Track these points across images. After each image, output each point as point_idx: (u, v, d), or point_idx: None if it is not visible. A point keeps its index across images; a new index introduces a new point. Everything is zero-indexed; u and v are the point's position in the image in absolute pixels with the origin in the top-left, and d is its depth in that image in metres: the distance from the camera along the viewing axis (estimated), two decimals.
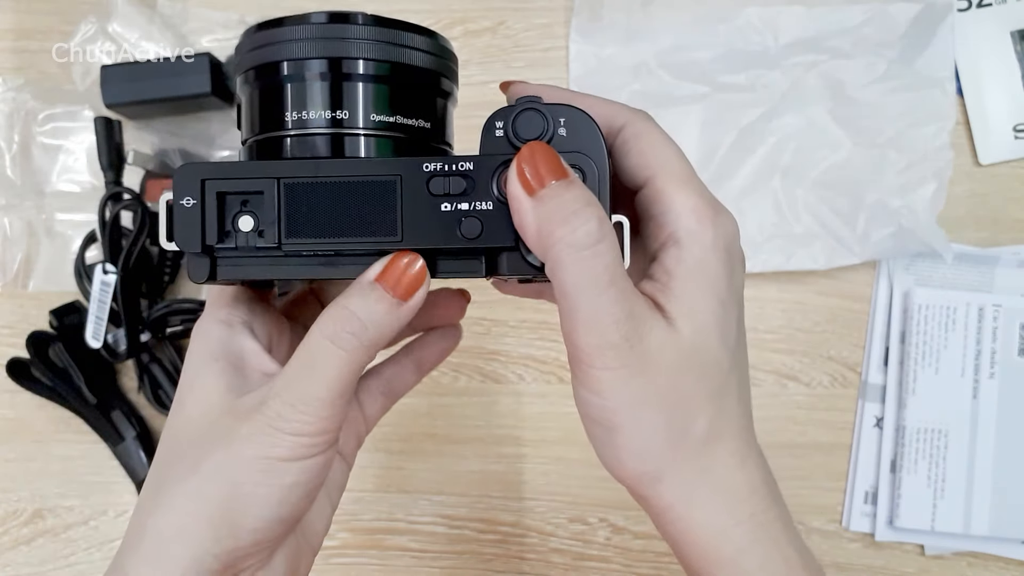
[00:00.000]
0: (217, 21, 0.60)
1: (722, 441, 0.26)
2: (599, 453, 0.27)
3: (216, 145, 0.59)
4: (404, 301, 0.27)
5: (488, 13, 0.61)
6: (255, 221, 0.26)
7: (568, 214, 0.24)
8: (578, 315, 0.25)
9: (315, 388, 0.26)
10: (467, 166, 0.26)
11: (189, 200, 0.26)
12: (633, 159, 0.27)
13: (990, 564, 0.56)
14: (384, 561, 0.58)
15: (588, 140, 0.26)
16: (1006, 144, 0.58)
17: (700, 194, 0.27)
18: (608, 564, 0.57)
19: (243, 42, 0.28)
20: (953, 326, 0.56)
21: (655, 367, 0.25)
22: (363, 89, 0.27)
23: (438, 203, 0.26)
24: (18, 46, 0.61)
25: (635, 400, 0.25)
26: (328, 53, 0.27)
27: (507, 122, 0.26)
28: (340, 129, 0.27)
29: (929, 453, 0.55)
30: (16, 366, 0.56)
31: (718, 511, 0.26)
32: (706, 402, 0.26)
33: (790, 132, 0.57)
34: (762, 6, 0.58)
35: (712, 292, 0.26)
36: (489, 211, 0.26)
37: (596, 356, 0.25)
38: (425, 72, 0.28)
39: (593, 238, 0.24)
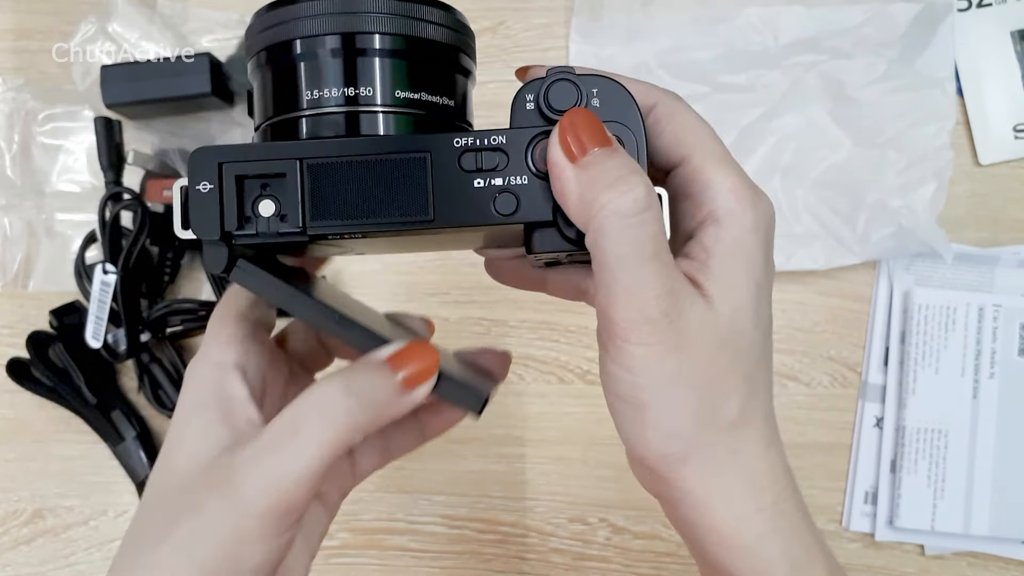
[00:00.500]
0: (217, 21, 0.60)
1: (750, 425, 0.25)
2: (623, 432, 0.26)
3: None
4: (409, 391, 0.26)
5: (488, 13, 0.61)
6: (277, 205, 0.25)
7: (613, 179, 0.23)
8: (618, 287, 0.24)
9: (290, 466, 0.25)
10: (499, 140, 0.25)
11: (206, 185, 0.25)
12: (667, 138, 0.27)
13: (990, 564, 0.56)
14: (384, 561, 0.58)
15: (624, 110, 0.25)
16: (1006, 144, 0.58)
17: (739, 174, 0.26)
18: (608, 564, 0.57)
19: (254, 23, 0.27)
20: (953, 326, 0.56)
21: (692, 345, 0.24)
22: (384, 64, 0.26)
23: (470, 179, 0.25)
24: (18, 46, 0.61)
25: (668, 378, 0.24)
26: (345, 28, 0.25)
27: (538, 94, 0.25)
28: (362, 107, 0.26)
29: (929, 453, 0.55)
30: (16, 366, 0.56)
31: (741, 497, 0.25)
32: (739, 384, 0.25)
33: (790, 132, 0.57)
34: (762, 6, 0.58)
35: (750, 273, 0.25)
36: (524, 185, 0.25)
37: (632, 331, 0.24)
38: (445, 47, 0.27)
39: (641, 205, 0.23)
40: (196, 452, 0.27)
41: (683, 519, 0.26)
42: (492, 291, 0.59)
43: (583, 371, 0.58)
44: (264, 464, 0.25)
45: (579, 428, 0.58)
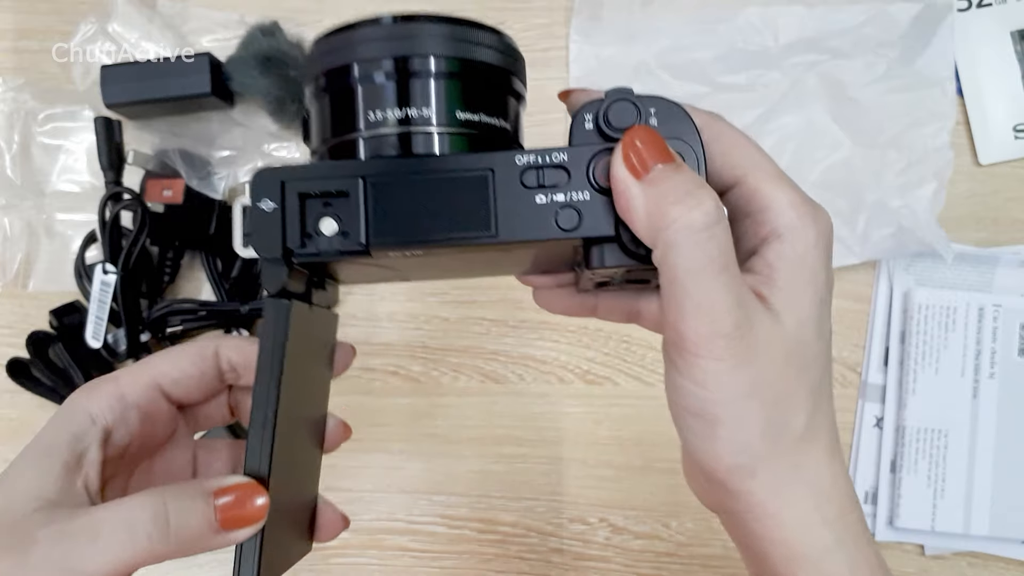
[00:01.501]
0: (217, 21, 0.60)
1: (816, 439, 0.26)
2: (692, 446, 0.26)
3: (216, 145, 0.59)
4: (226, 531, 0.27)
5: (488, 13, 0.61)
6: (339, 223, 0.25)
7: (682, 194, 0.24)
8: (689, 301, 0.24)
9: (80, 564, 0.25)
10: (561, 157, 0.25)
11: (268, 203, 0.25)
12: (718, 160, 0.27)
13: (990, 564, 0.56)
14: (384, 561, 0.58)
15: (682, 128, 0.26)
16: (1006, 144, 0.58)
17: (796, 190, 0.26)
18: (608, 564, 0.57)
19: (313, 51, 0.28)
20: (953, 326, 0.56)
21: (763, 359, 0.24)
22: (441, 86, 0.26)
23: (532, 195, 0.25)
24: (18, 46, 0.61)
25: (740, 392, 0.24)
26: (403, 52, 0.26)
27: (598, 113, 0.25)
28: (420, 127, 0.26)
29: (929, 453, 0.55)
30: (16, 366, 0.56)
31: (808, 509, 0.25)
32: (807, 397, 0.25)
33: (790, 132, 0.57)
34: (762, 6, 0.58)
35: (813, 287, 0.26)
36: (587, 201, 0.25)
37: (704, 345, 0.24)
38: (499, 70, 0.27)
39: (712, 218, 0.23)
40: (23, 492, 0.27)
41: (749, 532, 0.26)
42: (492, 291, 0.59)
43: (583, 371, 0.58)
44: (59, 550, 0.25)
45: (579, 428, 0.58)
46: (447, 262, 0.30)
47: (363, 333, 0.59)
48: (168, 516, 0.26)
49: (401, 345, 0.59)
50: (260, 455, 0.27)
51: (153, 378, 0.31)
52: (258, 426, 0.27)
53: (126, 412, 0.30)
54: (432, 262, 0.29)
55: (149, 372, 0.31)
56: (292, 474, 0.30)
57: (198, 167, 0.58)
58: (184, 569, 0.57)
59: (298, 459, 0.31)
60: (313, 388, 0.32)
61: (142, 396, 0.31)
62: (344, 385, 0.58)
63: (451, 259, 0.28)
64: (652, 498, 0.57)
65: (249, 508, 0.26)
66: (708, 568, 0.56)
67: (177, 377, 0.32)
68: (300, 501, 0.32)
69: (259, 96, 0.57)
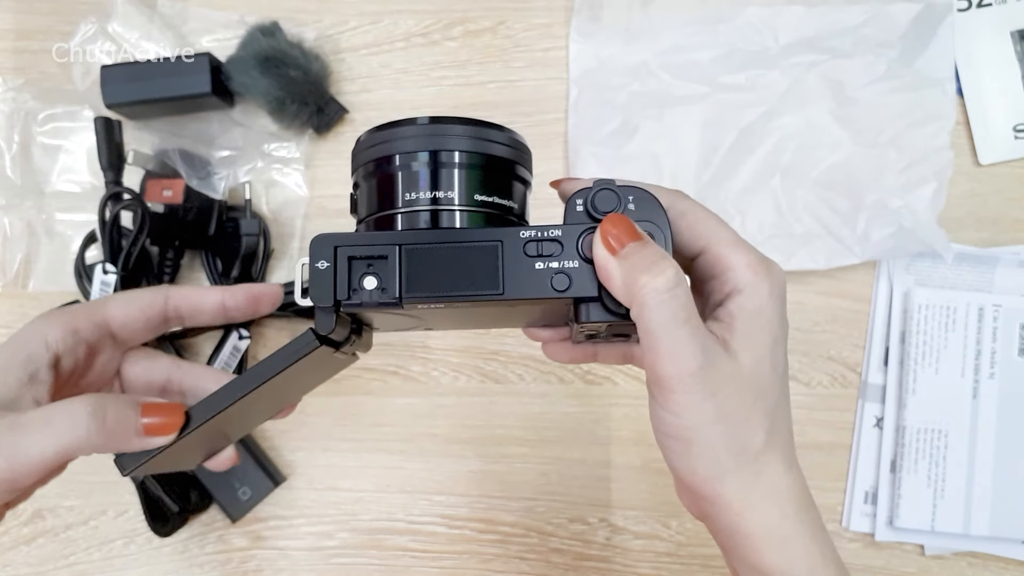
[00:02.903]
0: (217, 21, 0.60)
1: (773, 452, 0.31)
2: (673, 463, 0.32)
3: (216, 145, 0.59)
4: (146, 437, 0.34)
5: (488, 13, 0.61)
6: (378, 280, 0.31)
7: (649, 264, 0.29)
8: (661, 347, 0.29)
9: (25, 449, 0.33)
10: (556, 233, 0.31)
11: (323, 263, 0.31)
12: (685, 233, 0.33)
13: (990, 564, 0.56)
14: (384, 561, 0.58)
15: (653, 212, 0.32)
16: (1006, 144, 0.58)
17: (752, 252, 0.32)
18: (608, 564, 0.57)
19: (363, 140, 0.34)
20: (953, 326, 0.56)
21: (724, 391, 0.30)
22: (465, 174, 0.33)
23: (533, 262, 0.31)
24: (18, 46, 0.61)
25: (707, 419, 0.30)
26: (434, 147, 0.33)
27: (586, 200, 0.32)
28: (446, 206, 0.33)
29: (929, 453, 0.55)
30: None
31: (768, 507, 0.31)
32: (763, 419, 0.31)
33: (790, 132, 0.57)
34: (762, 6, 0.58)
35: (768, 330, 0.31)
36: (576, 268, 0.31)
37: (677, 383, 0.29)
38: (508, 161, 0.34)
39: (672, 282, 0.29)
40: None
41: (724, 529, 0.32)
42: None
43: (583, 371, 0.58)
44: (10, 437, 0.32)
45: (579, 428, 0.58)
46: (464, 315, 0.35)
47: None
48: (105, 414, 0.33)
49: (401, 345, 0.59)
50: (202, 410, 0.35)
51: (104, 319, 0.39)
52: (218, 395, 0.35)
53: (76, 345, 0.38)
54: (452, 315, 0.34)
55: (101, 313, 0.39)
56: (220, 427, 0.38)
57: (198, 167, 0.58)
58: (184, 569, 0.58)
59: (234, 423, 0.40)
60: (290, 389, 0.40)
61: (92, 334, 0.38)
62: (344, 385, 0.58)
63: (467, 312, 0.34)
64: (652, 498, 0.57)
65: (167, 419, 0.35)
66: (708, 568, 0.57)
67: (125, 322, 0.39)
68: (214, 440, 0.40)
69: (259, 96, 0.57)
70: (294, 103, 0.57)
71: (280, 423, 0.58)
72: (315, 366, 0.36)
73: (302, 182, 0.60)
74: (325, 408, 0.58)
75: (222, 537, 0.58)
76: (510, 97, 0.60)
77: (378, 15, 0.61)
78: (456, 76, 0.60)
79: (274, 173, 0.60)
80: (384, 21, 0.61)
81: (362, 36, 0.61)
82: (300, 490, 0.58)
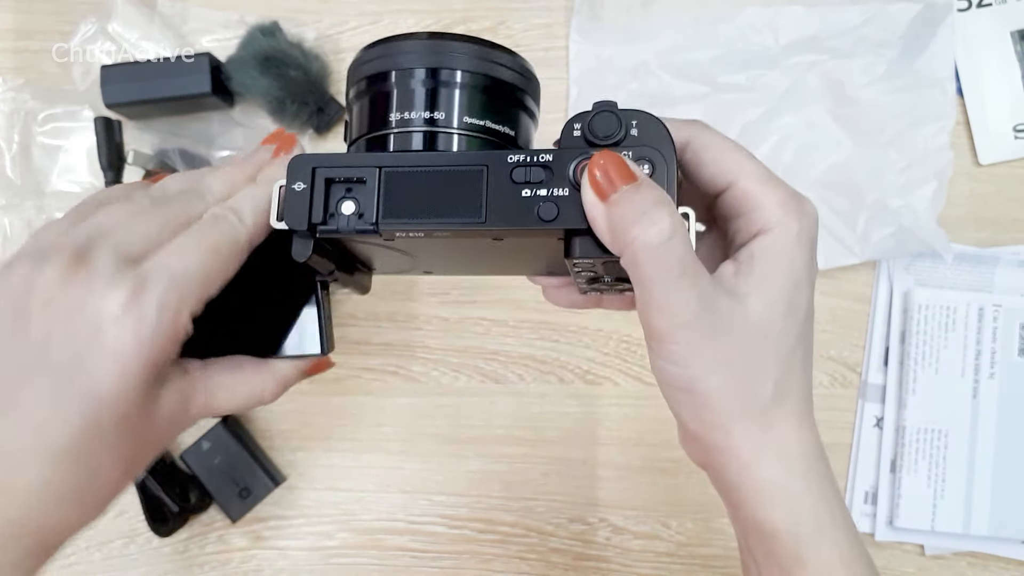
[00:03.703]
0: (217, 21, 0.60)
1: (785, 404, 0.29)
2: (678, 413, 0.30)
3: (216, 145, 0.59)
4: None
5: (488, 13, 0.61)
6: (356, 205, 0.29)
7: (639, 214, 0.27)
8: (652, 301, 0.27)
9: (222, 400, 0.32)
10: (547, 158, 0.29)
11: (300, 184, 0.29)
12: (710, 167, 0.30)
13: (990, 564, 0.56)
14: (384, 561, 0.58)
15: (658, 137, 0.29)
16: (1006, 144, 0.58)
17: (783, 188, 0.30)
18: (608, 564, 0.57)
19: (359, 57, 0.32)
20: (953, 326, 0.56)
21: (725, 339, 0.28)
22: (457, 94, 0.31)
23: (519, 189, 0.28)
24: (18, 46, 0.61)
25: (709, 365, 0.28)
26: (429, 64, 0.31)
27: (584, 123, 0.29)
28: (439, 128, 0.30)
29: (929, 453, 0.55)
30: None
31: (775, 463, 0.29)
32: (772, 368, 0.29)
33: (790, 132, 0.57)
34: (762, 6, 0.58)
35: (789, 274, 0.29)
36: (565, 196, 0.28)
37: (669, 334, 0.28)
38: (510, 86, 0.32)
39: (665, 235, 0.27)
40: None
41: (728, 483, 0.30)
42: (492, 291, 0.59)
43: (583, 371, 0.58)
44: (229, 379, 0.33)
45: (579, 428, 0.58)
46: (457, 253, 0.33)
47: (363, 333, 0.59)
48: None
49: (401, 345, 0.59)
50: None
51: None
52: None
53: None
54: (443, 252, 0.32)
55: None
56: None
57: (198, 167, 0.58)
58: (184, 569, 0.58)
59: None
60: None
61: None
62: (344, 385, 0.58)
63: (459, 250, 0.32)
64: (652, 498, 0.57)
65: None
66: (708, 568, 0.57)
67: None
68: None
69: (259, 96, 0.57)
70: (294, 103, 0.57)
71: (280, 423, 0.58)
72: None
73: None
74: (325, 408, 0.58)
75: (222, 537, 0.58)
76: None
77: (378, 15, 0.61)
78: None
79: None
80: (384, 21, 0.61)
81: (362, 36, 0.61)
82: (300, 490, 0.58)
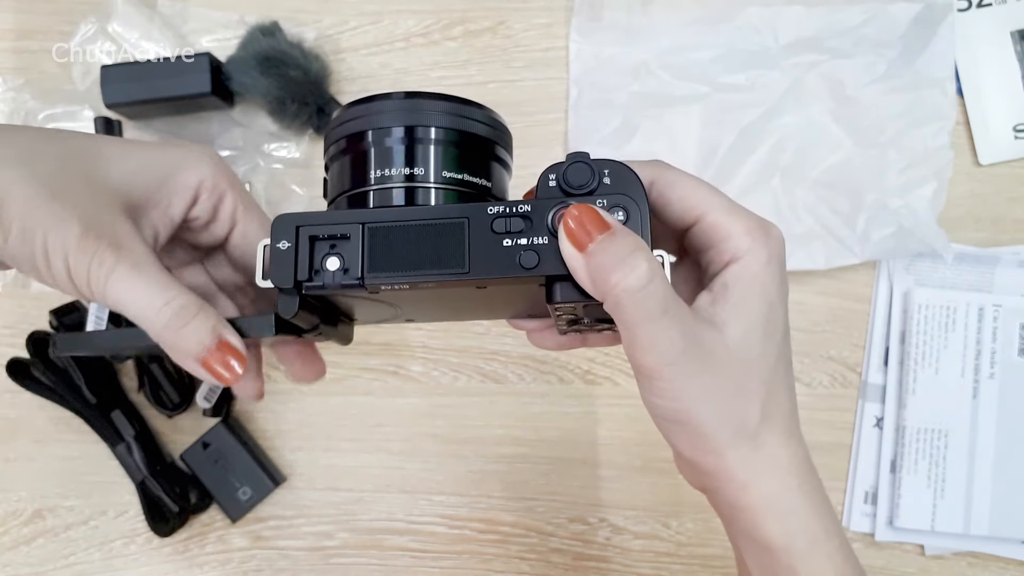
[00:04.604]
0: (217, 21, 0.60)
1: (773, 423, 0.31)
2: (672, 442, 0.31)
3: (216, 145, 0.59)
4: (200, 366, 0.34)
5: (488, 13, 0.61)
6: (341, 261, 0.30)
7: (617, 262, 0.28)
8: (637, 342, 0.28)
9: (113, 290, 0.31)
10: (525, 208, 0.29)
11: (284, 243, 0.30)
12: (676, 205, 0.32)
13: (990, 564, 0.56)
14: (384, 561, 0.58)
15: (629, 185, 0.30)
16: (1006, 144, 0.58)
17: (749, 217, 0.31)
18: (608, 564, 0.57)
19: (338, 116, 0.33)
20: (953, 326, 0.56)
21: (710, 370, 0.29)
22: (434, 151, 0.32)
23: (500, 239, 0.29)
24: (18, 46, 0.61)
25: (695, 398, 0.29)
26: (407, 122, 0.32)
27: (559, 174, 0.30)
28: (418, 183, 0.31)
29: (929, 453, 0.55)
30: (16, 366, 0.56)
31: (770, 480, 0.30)
32: (758, 390, 0.30)
33: (790, 132, 0.57)
34: (762, 6, 0.58)
35: (763, 297, 0.30)
36: (544, 244, 0.29)
37: (658, 371, 0.29)
38: (484, 140, 0.33)
39: (644, 279, 0.28)
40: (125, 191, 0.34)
41: (726, 502, 0.31)
42: None
43: (583, 371, 0.58)
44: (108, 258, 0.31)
45: (579, 428, 0.58)
46: (440, 303, 0.34)
47: (363, 333, 0.59)
48: (187, 323, 0.32)
49: (401, 345, 0.59)
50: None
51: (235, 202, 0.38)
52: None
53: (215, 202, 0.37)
54: (427, 302, 0.33)
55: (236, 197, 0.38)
56: None
57: None
58: (184, 569, 0.58)
59: None
60: None
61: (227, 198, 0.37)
62: (344, 385, 0.58)
63: (442, 299, 0.33)
64: (652, 498, 0.57)
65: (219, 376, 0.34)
66: (708, 568, 0.57)
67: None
68: None
69: (259, 96, 0.57)
70: (294, 103, 0.57)
71: (280, 423, 0.58)
72: None
73: (302, 182, 0.60)
74: (325, 408, 0.58)
75: (222, 537, 0.58)
76: (510, 97, 0.60)
77: (378, 15, 0.61)
78: (456, 76, 0.60)
79: (274, 173, 0.60)
80: (384, 21, 0.61)
81: (362, 36, 0.61)
82: (300, 490, 0.58)
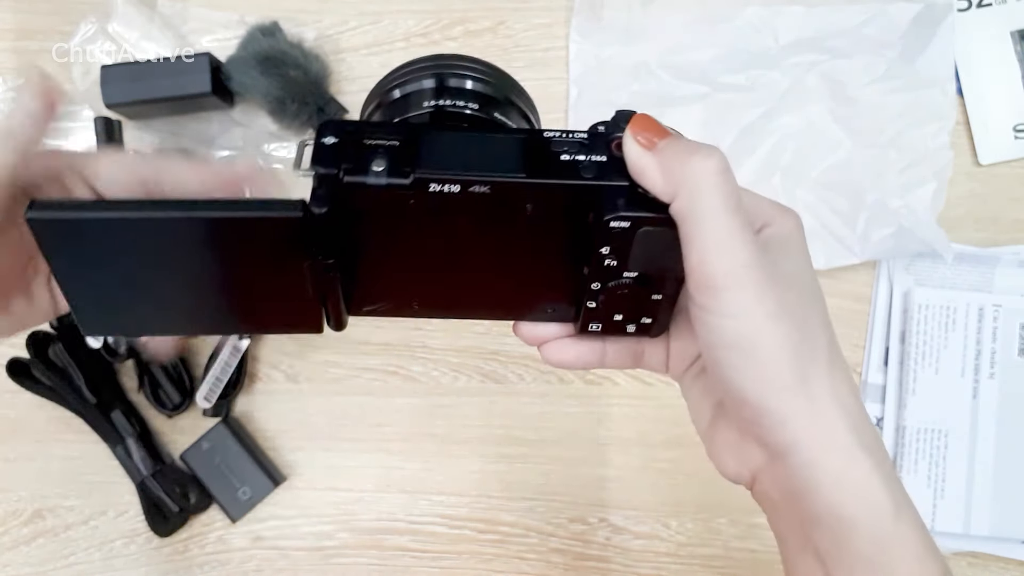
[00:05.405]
0: (217, 21, 0.60)
1: (838, 365, 0.27)
2: (733, 380, 0.27)
3: (216, 145, 0.59)
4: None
5: (488, 13, 0.61)
6: (387, 162, 0.28)
7: (695, 148, 0.26)
8: (712, 238, 0.26)
9: None
10: (582, 135, 0.29)
11: (331, 139, 0.28)
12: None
13: (990, 564, 0.56)
14: (384, 561, 0.58)
15: None
16: (1006, 144, 0.58)
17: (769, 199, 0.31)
18: (608, 564, 0.57)
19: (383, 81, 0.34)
20: (953, 326, 0.56)
21: (780, 285, 0.26)
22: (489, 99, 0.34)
23: (558, 154, 0.29)
24: (18, 46, 0.61)
25: (768, 314, 0.26)
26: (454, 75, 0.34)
27: (607, 123, 0.30)
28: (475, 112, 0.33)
29: (929, 453, 0.55)
30: (16, 366, 0.56)
31: (846, 434, 0.26)
32: (822, 326, 0.28)
33: (790, 132, 0.57)
34: (762, 6, 0.58)
35: (802, 250, 0.30)
36: (604, 162, 0.29)
37: (731, 277, 0.26)
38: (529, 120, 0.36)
39: (724, 163, 0.26)
40: None
41: (795, 464, 0.27)
42: None
43: (583, 371, 0.58)
44: None
45: (579, 428, 0.58)
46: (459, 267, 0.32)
47: (363, 333, 0.59)
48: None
49: (401, 345, 0.59)
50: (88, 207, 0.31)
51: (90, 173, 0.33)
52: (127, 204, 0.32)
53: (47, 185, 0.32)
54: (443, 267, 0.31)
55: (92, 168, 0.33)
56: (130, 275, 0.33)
57: None
58: (184, 569, 0.58)
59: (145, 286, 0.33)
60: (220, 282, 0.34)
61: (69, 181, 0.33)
62: (344, 385, 0.58)
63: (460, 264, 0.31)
64: (652, 498, 0.57)
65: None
66: (708, 568, 0.57)
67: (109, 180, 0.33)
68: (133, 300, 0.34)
69: (259, 96, 0.57)
70: (294, 103, 0.57)
71: (280, 423, 0.58)
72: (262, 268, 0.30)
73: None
74: (325, 408, 0.58)
75: (222, 537, 0.58)
76: None
77: (378, 15, 0.61)
78: None
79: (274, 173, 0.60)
80: (384, 21, 0.61)
81: (362, 36, 0.61)
82: (300, 490, 0.58)
